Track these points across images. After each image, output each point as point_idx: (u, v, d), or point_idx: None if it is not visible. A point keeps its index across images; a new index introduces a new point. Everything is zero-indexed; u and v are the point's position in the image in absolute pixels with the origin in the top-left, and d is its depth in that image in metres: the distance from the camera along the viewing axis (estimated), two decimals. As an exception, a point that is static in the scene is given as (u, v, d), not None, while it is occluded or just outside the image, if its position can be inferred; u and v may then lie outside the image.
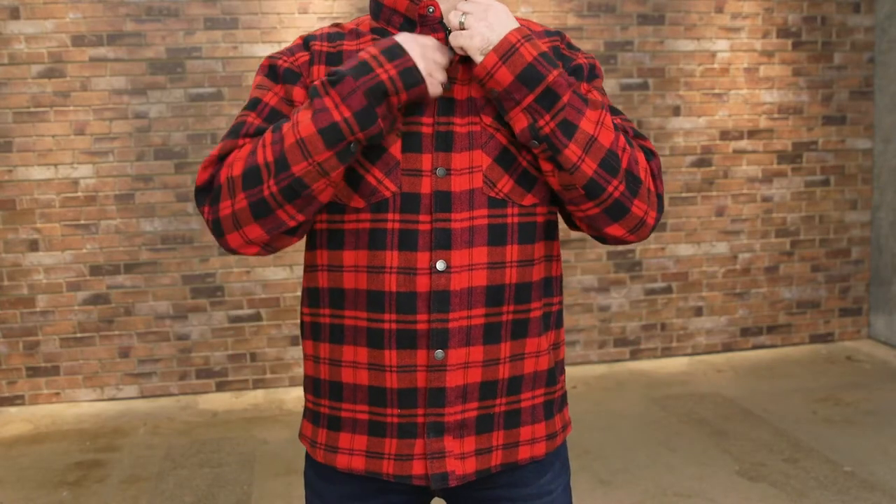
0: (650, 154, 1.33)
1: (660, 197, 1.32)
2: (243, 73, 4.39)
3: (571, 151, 1.22)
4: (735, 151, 4.94)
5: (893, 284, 5.04)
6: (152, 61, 4.33)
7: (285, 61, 1.31)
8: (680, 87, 4.83)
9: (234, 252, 1.27)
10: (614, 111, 1.37)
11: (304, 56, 1.31)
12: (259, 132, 1.27)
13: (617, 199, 1.26)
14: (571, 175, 1.24)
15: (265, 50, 4.39)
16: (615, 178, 1.25)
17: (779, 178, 5.02)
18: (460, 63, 1.29)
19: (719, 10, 4.83)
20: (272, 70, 1.32)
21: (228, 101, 4.41)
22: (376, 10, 1.35)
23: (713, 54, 4.85)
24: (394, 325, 1.27)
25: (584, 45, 4.67)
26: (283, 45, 4.38)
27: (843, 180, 5.11)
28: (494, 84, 1.22)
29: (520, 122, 1.24)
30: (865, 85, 5.07)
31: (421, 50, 1.22)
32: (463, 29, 1.23)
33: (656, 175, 1.32)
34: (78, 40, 4.26)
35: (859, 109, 5.08)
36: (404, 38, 1.23)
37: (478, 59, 1.22)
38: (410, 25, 1.30)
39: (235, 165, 1.23)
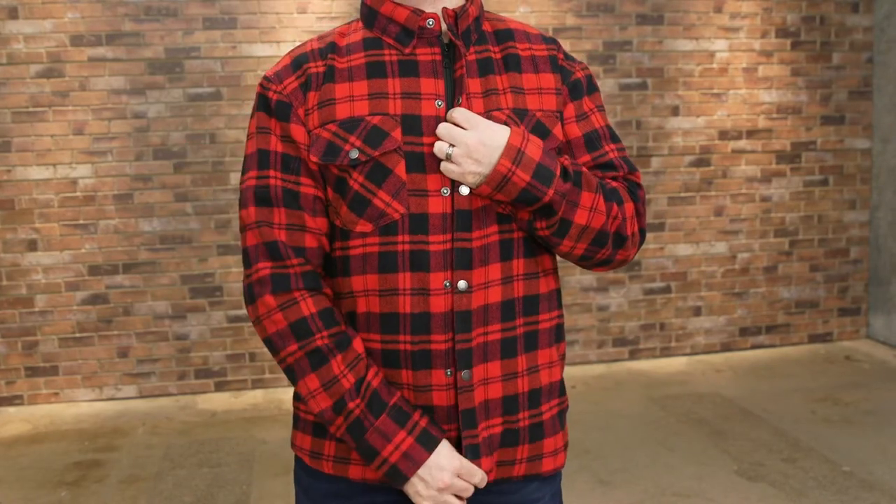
0: (636, 189, 1.35)
1: (642, 233, 1.36)
2: (242, 72, 4.39)
3: (565, 245, 1.30)
4: (734, 151, 4.94)
5: (892, 284, 5.04)
6: (151, 61, 4.33)
7: (275, 93, 1.28)
8: (679, 87, 4.84)
9: None
10: (614, 138, 1.37)
11: (293, 83, 1.28)
12: (287, 196, 1.27)
13: (604, 260, 1.34)
14: (564, 256, 1.33)
15: (264, 50, 4.39)
16: (603, 247, 1.31)
17: (778, 178, 5.02)
18: (459, 81, 1.27)
19: (718, 9, 4.83)
20: (265, 103, 1.30)
21: (227, 100, 4.40)
22: (370, 18, 1.31)
23: (712, 54, 4.85)
24: (409, 346, 1.26)
25: (583, 45, 4.68)
26: (282, 46, 4.39)
27: (841, 180, 5.11)
28: (492, 199, 1.27)
29: (522, 212, 1.28)
30: (864, 85, 5.07)
31: (431, 487, 1.26)
32: (450, 160, 1.22)
33: (641, 214, 1.35)
34: (76, 40, 4.26)
35: (858, 109, 5.08)
36: (426, 474, 1.26)
37: (468, 186, 1.24)
38: (408, 36, 1.27)
39: (268, 323, 1.28)
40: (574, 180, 1.25)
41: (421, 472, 1.25)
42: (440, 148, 1.22)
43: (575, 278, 4.81)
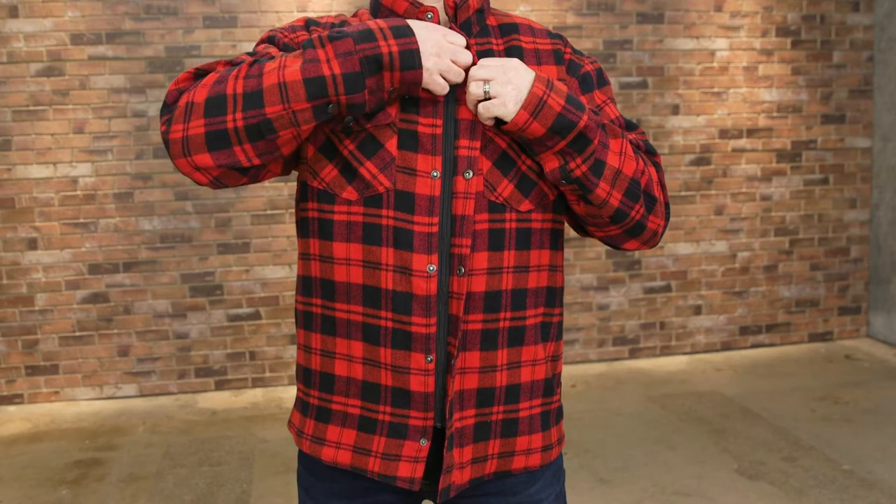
0: (658, 167, 1.36)
1: (667, 206, 1.36)
2: (242, 71, 4.39)
3: (601, 189, 1.25)
4: (734, 150, 4.94)
5: (892, 283, 5.04)
6: (151, 60, 4.33)
7: (285, 36, 1.30)
8: (679, 86, 4.83)
9: (186, 175, 1.24)
10: (630, 126, 1.37)
11: (304, 35, 1.30)
12: (237, 61, 1.25)
13: (638, 221, 1.30)
14: (600, 209, 1.27)
15: (264, 48, 4.39)
16: (637, 203, 1.28)
17: (778, 177, 5.02)
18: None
19: (718, 8, 4.83)
20: (270, 39, 1.32)
21: (227, 99, 4.40)
22: (375, 7, 1.34)
23: (712, 53, 4.85)
24: (390, 324, 1.26)
25: (584, 44, 4.67)
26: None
27: (842, 179, 5.11)
28: (526, 135, 1.22)
29: (550, 162, 1.24)
30: (864, 83, 5.07)
31: (436, 46, 1.20)
32: (489, 98, 1.20)
33: (664, 186, 1.35)
34: (77, 39, 4.26)
35: (858, 108, 5.08)
36: (422, 25, 1.21)
37: (508, 120, 1.21)
38: None
39: (198, 92, 1.19)
40: (600, 122, 1.25)
41: (416, 29, 1.20)
42: (477, 89, 1.21)
43: (575, 277, 4.82)
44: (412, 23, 1.21)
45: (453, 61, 1.21)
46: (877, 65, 5.04)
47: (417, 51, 1.18)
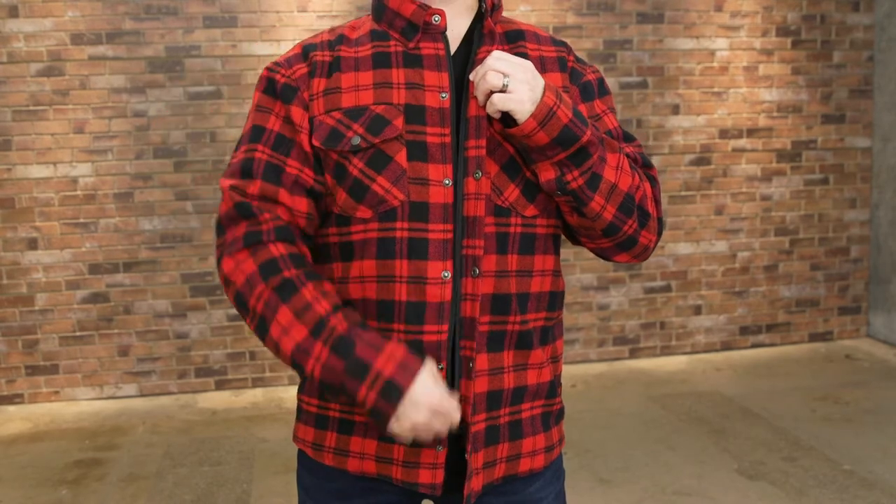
0: (653, 182, 1.36)
1: (661, 221, 1.37)
2: (242, 71, 4.39)
3: (596, 202, 1.26)
4: (734, 150, 4.94)
5: (892, 283, 5.04)
6: (151, 60, 4.33)
7: (283, 76, 1.29)
8: (679, 86, 4.83)
9: None
10: (628, 137, 1.37)
11: (302, 69, 1.29)
12: (269, 170, 1.26)
13: (630, 236, 1.31)
14: (593, 222, 1.28)
15: (264, 48, 4.38)
16: (630, 218, 1.29)
17: (778, 177, 5.02)
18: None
19: (718, 8, 4.83)
20: (270, 85, 1.30)
21: (227, 99, 4.40)
22: (379, 10, 1.33)
23: (712, 53, 4.85)
24: (402, 336, 1.26)
25: (584, 44, 4.67)
26: (282, 44, 4.38)
27: (842, 179, 5.11)
28: (529, 142, 1.22)
29: (547, 172, 1.24)
30: (865, 83, 5.07)
31: (412, 428, 1.20)
32: (505, 91, 1.19)
33: (658, 201, 1.36)
34: (77, 38, 4.25)
35: (858, 108, 5.08)
36: (421, 400, 1.19)
37: (521, 119, 1.20)
38: (413, 31, 1.29)
39: (237, 272, 1.25)
40: (600, 137, 1.26)
41: (408, 403, 1.19)
42: (496, 80, 1.19)
43: (575, 277, 4.81)
44: (416, 389, 1.19)
45: (428, 429, 1.21)
46: (877, 65, 5.04)
47: (387, 419, 1.20)
